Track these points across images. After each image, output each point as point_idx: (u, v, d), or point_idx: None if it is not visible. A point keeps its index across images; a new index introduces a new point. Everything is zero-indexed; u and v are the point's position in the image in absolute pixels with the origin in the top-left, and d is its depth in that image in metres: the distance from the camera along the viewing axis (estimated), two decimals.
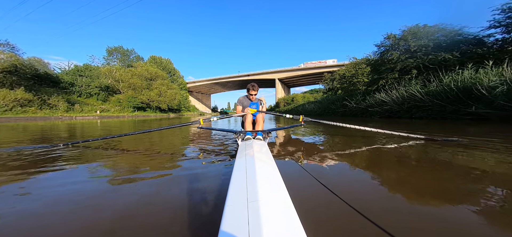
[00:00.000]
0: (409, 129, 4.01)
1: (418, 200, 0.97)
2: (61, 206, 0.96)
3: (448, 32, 8.89)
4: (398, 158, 1.81)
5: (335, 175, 1.35)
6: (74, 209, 0.92)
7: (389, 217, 0.80)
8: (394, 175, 1.36)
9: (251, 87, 2.60)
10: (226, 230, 0.49)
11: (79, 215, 0.87)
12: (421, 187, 1.14)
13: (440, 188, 1.12)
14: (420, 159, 1.76)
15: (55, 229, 0.77)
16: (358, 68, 17.35)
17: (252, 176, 0.78)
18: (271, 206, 0.58)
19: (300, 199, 0.91)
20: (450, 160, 1.66)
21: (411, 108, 7.50)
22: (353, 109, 11.88)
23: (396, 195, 1.03)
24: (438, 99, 6.46)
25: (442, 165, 1.53)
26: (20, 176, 1.40)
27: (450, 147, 2.14)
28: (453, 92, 6.17)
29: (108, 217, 0.84)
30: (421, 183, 1.21)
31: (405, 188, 1.13)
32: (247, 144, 1.63)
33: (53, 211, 0.91)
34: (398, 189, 1.11)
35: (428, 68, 8.44)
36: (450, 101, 6.18)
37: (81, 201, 1.00)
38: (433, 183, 1.20)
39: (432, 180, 1.25)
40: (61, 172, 1.51)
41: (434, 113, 6.48)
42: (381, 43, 12.23)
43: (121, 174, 1.48)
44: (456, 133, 3.11)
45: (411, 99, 7.57)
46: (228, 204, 0.61)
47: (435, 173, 1.38)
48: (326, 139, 2.98)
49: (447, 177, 1.30)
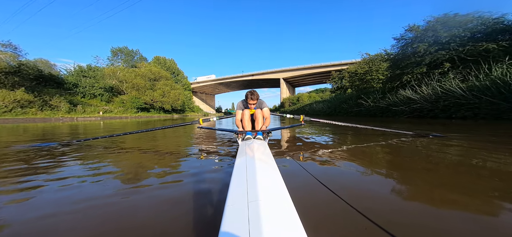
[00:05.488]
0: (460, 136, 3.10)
1: (418, 200, 0.95)
2: (61, 206, 0.95)
3: (485, 20, 7.78)
4: (398, 156, 1.81)
5: (336, 175, 1.35)
6: (75, 209, 0.92)
7: (389, 216, 0.79)
8: (395, 174, 1.34)
9: (249, 95, 2.33)
10: (227, 230, 0.49)
11: (80, 214, 0.87)
12: (421, 186, 1.13)
13: (442, 187, 1.10)
14: (421, 157, 1.74)
15: (55, 229, 0.77)
16: (371, 65, 16.24)
17: (253, 176, 0.77)
18: (272, 206, 0.57)
19: (300, 198, 0.90)
20: (454, 158, 1.68)
21: (449, 106, 6.43)
22: (371, 109, 10.82)
23: (397, 194, 1.03)
24: (487, 96, 5.39)
25: (445, 164, 1.53)
26: (19, 176, 1.41)
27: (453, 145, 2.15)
28: (509, 86, 5.10)
29: (107, 216, 0.84)
30: (422, 182, 1.19)
31: (406, 187, 1.11)
32: (247, 143, 1.60)
33: (53, 212, 0.90)
34: (399, 189, 1.10)
35: (465, 61, 7.35)
36: (504, 98, 5.11)
37: (81, 201, 0.99)
38: (434, 182, 1.18)
39: (433, 179, 1.23)
40: (61, 172, 1.50)
41: (483, 112, 5.42)
42: (401, 36, 11.20)
43: (121, 174, 1.46)
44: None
45: (449, 96, 6.51)
46: (228, 203, 0.60)
47: (437, 172, 1.36)
48: (326, 139, 2.94)
49: (449, 176, 1.28)
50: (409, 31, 10.70)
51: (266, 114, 2.45)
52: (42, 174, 1.45)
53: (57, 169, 1.56)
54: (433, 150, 1.96)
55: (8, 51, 19.59)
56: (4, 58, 18.50)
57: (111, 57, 37.78)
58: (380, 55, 16.31)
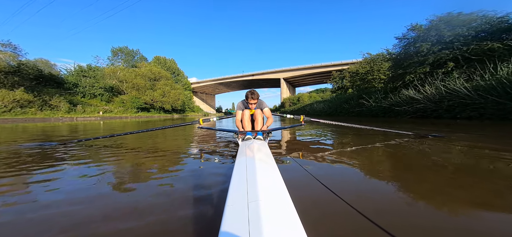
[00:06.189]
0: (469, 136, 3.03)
1: (418, 200, 0.95)
2: (61, 205, 0.95)
3: (490, 19, 7.67)
4: (398, 156, 1.80)
5: (336, 175, 1.34)
6: (75, 208, 0.91)
7: (389, 216, 0.78)
8: (395, 174, 1.33)
9: (249, 95, 2.31)
10: (227, 230, 0.49)
11: (79, 214, 0.87)
12: (422, 186, 1.12)
13: (442, 188, 1.09)
14: (421, 157, 1.74)
15: (55, 228, 0.76)
16: (373, 64, 16.13)
17: (253, 176, 0.77)
18: (272, 206, 0.57)
19: (300, 198, 0.89)
20: (454, 158, 1.68)
21: (454, 106, 6.33)
22: (373, 109, 10.71)
23: (396, 194, 1.03)
24: (493, 96, 5.29)
25: (445, 164, 1.51)
26: (18, 176, 1.39)
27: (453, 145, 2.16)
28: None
29: (107, 216, 0.84)
30: (422, 182, 1.19)
31: (405, 187, 1.11)
32: (247, 144, 1.59)
33: (53, 211, 0.90)
34: (398, 189, 1.09)
35: (469, 60, 7.25)
36: (511, 97, 5.01)
37: (81, 201, 0.99)
38: (435, 182, 1.17)
39: (432, 179, 1.22)
40: (61, 171, 1.49)
41: (489, 112, 5.31)
42: (403, 35, 11.10)
43: (121, 173, 1.45)
44: None
45: (453, 95, 6.40)
46: (228, 204, 0.60)
47: (436, 172, 1.34)
48: (326, 139, 2.93)
49: (448, 176, 1.26)
50: (412, 31, 10.59)
51: (267, 114, 2.45)
52: (42, 174, 1.43)
53: (57, 169, 1.56)
54: (433, 150, 1.97)
55: (8, 50, 19.53)
56: (4, 57, 18.44)
57: (111, 57, 37.69)
58: (381, 54, 16.20)
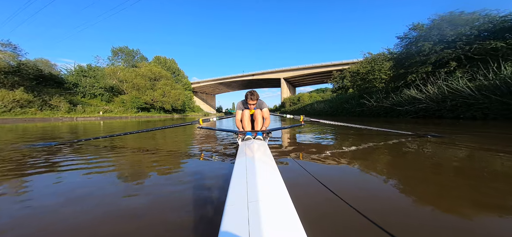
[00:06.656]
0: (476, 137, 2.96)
1: (419, 200, 0.95)
2: (61, 205, 0.95)
3: (492, 18, 7.60)
4: (397, 156, 1.81)
5: (335, 175, 1.34)
6: (74, 208, 0.91)
7: (389, 216, 0.78)
8: (394, 174, 1.33)
9: (249, 95, 2.30)
10: (226, 230, 0.49)
11: (79, 213, 0.86)
12: (422, 186, 1.12)
13: (442, 188, 1.10)
14: (421, 157, 1.75)
15: (54, 227, 0.76)
16: (374, 64, 16.05)
17: (252, 176, 0.77)
18: (271, 206, 0.57)
19: (300, 198, 0.89)
20: (453, 158, 1.67)
21: (457, 106, 6.26)
22: (374, 109, 10.65)
23: (396, 194, 1.03)
24: (497, 95, 5.22)
25: (443, 164, 1.52)
26: (18, 176, 1.39)
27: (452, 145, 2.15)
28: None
29: (107, 216, 0.83)
30: (422, 182, 1.19)
31: (405, 187, 1.11)
32: (247, 144, 1.58)
33: (52, 210, 0.90)
34: (398, 189, 1.09)
35: (472, 59, 7.18)
36: None
37: (81, 200, 0.99)
38: (434, 182, 1.18)
39: (434, 179, 1.23)
40: (61, 171, 1.50)
41: (493, 112, 5.25)
42: (405, 35, 11.02)
43: (121, 173, 1.45)
44: None
45: (456, 95, 6.33)
46: (228, 204, 0.60)
47: (435, 172, 1.36)
48: (326, 139, 2.93)
49: (447, 176, 1.28)
50: (413, 30, 10.50)
51: (266, 114, 2.45)
52: (41, 174, 1.44)
53: (57, 169, 1.55)
54: (433, 150, 1.99)
55: (8, 50, 19.47)
56: (4, 57, 18.39)
57: (111, 57, 37.67)
58: (382, 54, 16.12)
